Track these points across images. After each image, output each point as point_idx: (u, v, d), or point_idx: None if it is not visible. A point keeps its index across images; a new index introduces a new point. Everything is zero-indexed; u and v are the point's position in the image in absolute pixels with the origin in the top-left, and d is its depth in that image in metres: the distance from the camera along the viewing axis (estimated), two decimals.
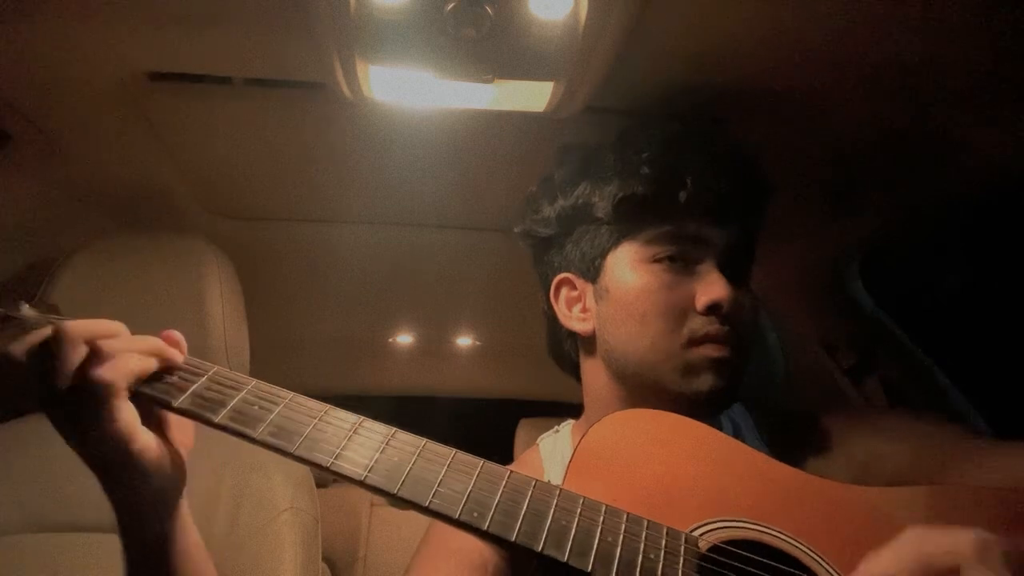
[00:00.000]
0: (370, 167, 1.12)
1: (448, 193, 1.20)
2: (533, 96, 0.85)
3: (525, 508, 0.55)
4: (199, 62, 0.86)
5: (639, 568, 0.54)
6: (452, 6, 0.71)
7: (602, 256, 0.81)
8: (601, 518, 0.56)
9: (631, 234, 0.79)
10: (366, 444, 0.58)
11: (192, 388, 0.59)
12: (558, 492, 0.58)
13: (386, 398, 2.09)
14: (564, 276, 0.86)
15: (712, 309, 0.75)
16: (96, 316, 0.60)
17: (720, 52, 0.80)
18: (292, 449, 0.56)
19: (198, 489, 0.96)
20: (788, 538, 0.60)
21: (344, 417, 0.60)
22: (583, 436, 0.66)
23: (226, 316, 1.04)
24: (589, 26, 0.71)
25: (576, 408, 0.91)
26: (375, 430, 0.59)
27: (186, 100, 0.95)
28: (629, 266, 0.79)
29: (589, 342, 0.84)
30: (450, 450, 0.59)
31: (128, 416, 0.56)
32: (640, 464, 0.65)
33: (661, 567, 0.54)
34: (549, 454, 0.88)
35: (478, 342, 1.83)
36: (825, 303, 1.37)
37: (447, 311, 1.67)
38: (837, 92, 0.87)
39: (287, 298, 1.58)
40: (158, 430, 0.60)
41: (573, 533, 0.55)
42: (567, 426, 0.92)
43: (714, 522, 0.61)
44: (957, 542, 0.49)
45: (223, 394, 0.59)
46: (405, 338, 1.82)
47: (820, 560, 0.59)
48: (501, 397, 2.04)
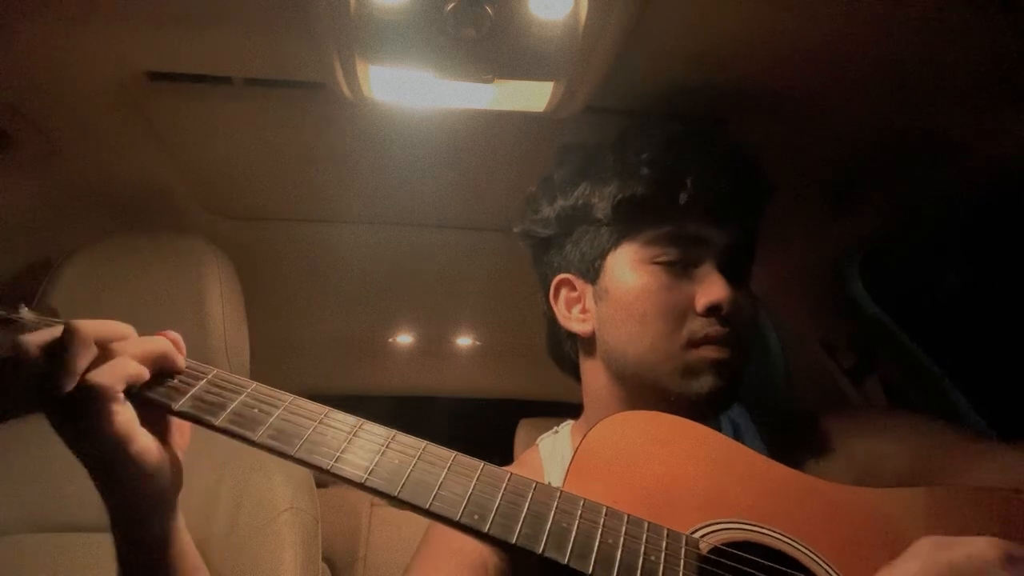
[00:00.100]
0: (370, 167, 1.12)
1: (448, 193, 1.20)
2: (533, 96, 0.84)
3: (526, 510, 0.55)
4: (199, 62, 0.86)
5: (640, 570, 0.54)
6: (452, 6, 0.71)
7: (602, 257, 0.81)
8: (602, 520, 0.56)
9: (631, 235, 0.79)
10: (366, 447, 0.58)
11: (192, 391, 0.59)
12: (558, 494, 0.58)
13: (386, 398, 2.09)
14: (564, 277, 0.86)
15: (712, 310, 0.75)
16: (96, 316, 0.60)
17: (720, 52, 0.80)
18: (292, 452, 0.56)
19: (198, 489, 0.97)
20: (788, 539, 0.60)
21: (344, 420, 0.60)
22: (583, 437, 0.66)
23: (226, 316, 1.04)
24: (589, 26, 0.71)
25: (576, 408, 0.91)
26: (375, 432, 0.59)
27: (186, 100, 0.95)
28: (629, 267, 0.79)
29: (589, 343, 0.84)
30: (450, 452, 0.59)
31: (126, 418, 0.56)
32: (640, 465, 0.65)
33: (662, 569, 0.54)
34: (549, 454, 0.88)
35: (478, 342, 1.83)
36: (825, 303, 1.37)
37: (447, 311, 1.67)
38: (837, 92, 0.87)
39: (287, 298, 1.58)
40: (157, 432, 0.60)
41: (574, 535, 0.55)
42: (566, 427, 0.92)
43: (714, 524, 0.61)
44: (979, 549, 0.48)
45: (223, 397, 0.59)
46: (405, 338, 1.82)
47: (820, 561, 0.59)
48: (501, 397, 2.03)
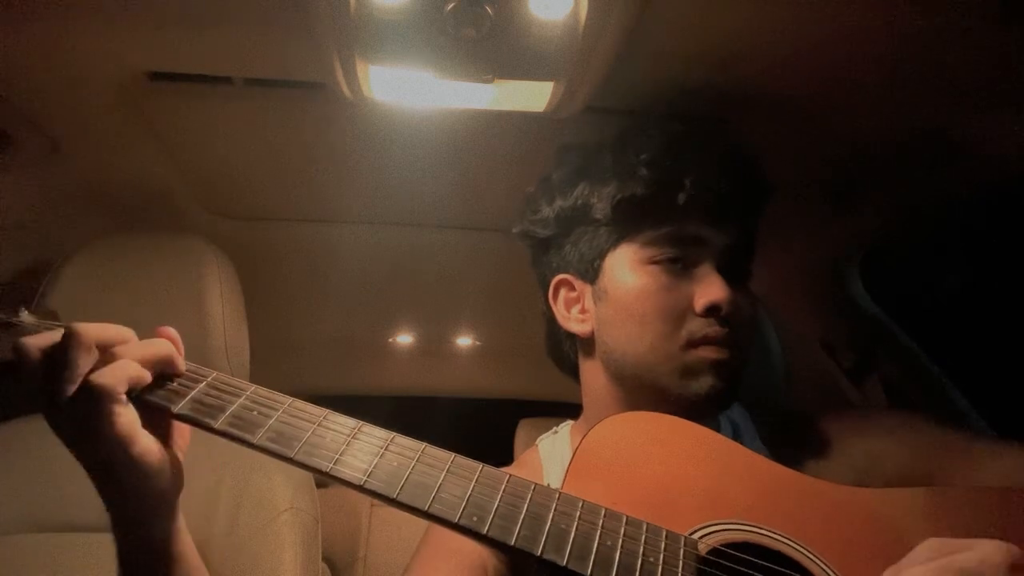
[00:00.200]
0: (370, 167, 1.12)
1: (448, 193, 1.20)
2: (533, 96, 0.84)
3: (524, 512, 0.55)
4: (199, 62, 0.86)
5: (638, 571, 0.54)
6: (452, 6, 0.71)
7: (601, 257, 0.81)
8: (600, 521, 0.56)
9: (630, 235, 0.79)
10: (365, 449, 0.58)
11: (191, 394, 0.59)
12: (557, 496, 0.58)
13: (386, 398, 2.09)
14: (563, 277, 0.86)
15: (711, 311, 0.75)
16: (96, 316, 0.60)
17: (720, 52, 0.80)
18: (291, 454, 0.56)
19: (198, 489, 0.96)
20: (787, 540, 0.60)
21: (343, 422, 0.60)
22: (583, 438, 0.66)
23: (226, 316, 1.04)
24: (589, 26, 0.71)
25: (576, 408, 0.91)
26: (374, 435, 0.59)
27: (186, 100, 0.95)
28: (628, 267, 0.79)
29: (588, 343, 0.84)
30: (449, 454, 0.59)
31: (127, 420, 0.56)
32: (640, 466, 0.65)
33: (660, 570, 0.54)
34: (548, 455, 0.88)
35: (478, 342, 1.83)
36: (825, 303, 1.37)
37: (447, 311, 1.67)
38: (837, 92, 0.87)
39: (287, 298, 1.58)
40: (158, 433, 0.60)
41: (572, 537, 0.55)
42: (566, 427, 0.92)
43: (713, 525, 0.61)
44: (988, 552, 0.48)
45: (222, 400, 0.59)
46: (405, 338, 1.82)
47: (819, 562, 0.59)
48: (501, 397, 2.03)
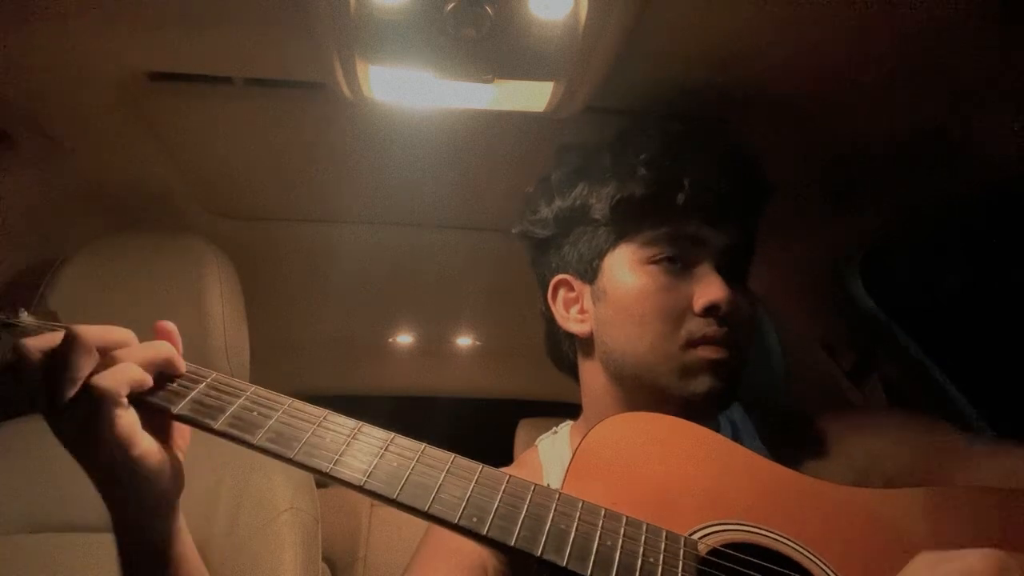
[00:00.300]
0: (370, 167, 1.12)
1: (448, 193, 1.20)
2: (533, 96, 0.84)
3: (524, 512, 0.55)
4: (199, 62, 0.86)
5: (638, 572, 0.54)
6: (452, 6, 0.71)
7: (599, 257, 0.81)
8: (600, 522, 0.56)
9: (628, 235, 0.79)
10: (365, 449, 0.58)
11: (191, 395, 0.59)
12: (557, 496, 0.58)
13: (386, 398, 2.09)
14: (562, 277, 0.86)
15: (710, 310, 0.75)
16: (96, 316, 0.60)
17: (720, 52, 0.80)
18: (291, 455, 0.56)
19: (198, 489, 0.96)
20: (787, 541, 0.60)
21: (343, 422, 0.60)
22: (583, 438, 0.66)
23: (226, 316, 1.04)
24: (589, 26, 0.71)
25: (576, 408, 0.91)
26: (374, 435, 0.59)
27: (186, 100, 0.95)
28: (627, 267, 0.79)
29: (587, 344, 0.84)
30: (449, 455, 0.59)
31: (128, 422, 0.56)
32: (639, 466, 0.65)
33: (660, 571, 0.54)
34: (548, 455, 0.88)
35: (478, 342, 1.83)
36: (825, 303, 1.37)
37: (447, 311, 1.67)
38: (837, 92, 0.87)
39: (287, 298, 1.58)
40: (158, 435, 0.60)
41: (572, 537, 0.54)
42: (565, 427, 0.92)
43: (713, 525, 0.61)
44: (968, 562, 0.48)
45: (222, 400, 0.59)
46: (405, 338, 1.82)
47: (819, 562, 0.59)
48: (501, 397, 2.04)
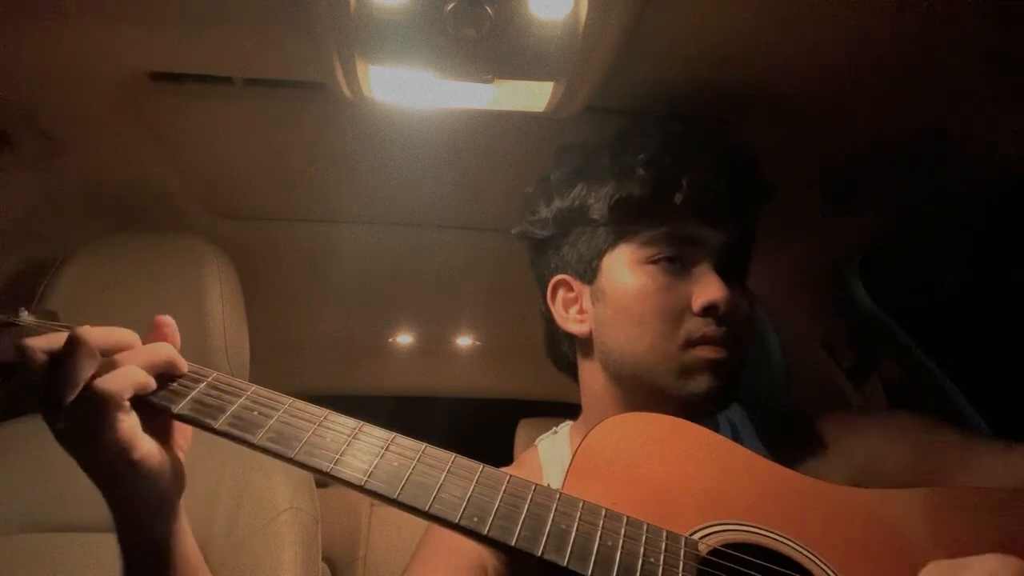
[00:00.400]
0: (370, 167, 1.12)
1: (448, 193, 1.20)
2: (533, 96, 0.84)
3: (525, 512, 0.55)
4: (199, 62, 0.86)
5: (639, 572, 0.54)
6: (452, 6, 0.71)
7: (598, 257, 0.81)
8: (601, 522, 0.56)
9: (627, 235, 0.79)
10: (365, 449, 0.58)
11: (192, 394, 0.59)
12: (558, 496, 0.58)
13: (386, 398, 2.09)
14: (561, 277, 0.85)
15: (709, 310, 0.75)
16: (96, 316, 0.59)
17: (720, 52, 0.80)
18: (292, 454, 0.56)
19: (198, 489, 0.96)
20: (787, 541, 0.60)
21: (344, 422, 0.60)
22: (583, 438, 0.66)
23: (226, 316, 1.04)
24: (589, 26, 0.71)
25: (576, 408, 0.91)
26: (374, 435, 0.59)
27: (186, 100, 0.95)
28: (626, 267, 0.79)
29: (586, 344, 0.84)
30: (449, 455, 0.59)
31: (129, 425, 0.56)
32: (640, 466, 0.65)
33: (661, 571, 0.54)
34: (547, 455, 0.88)
35: (478, 342, 1.83)
36: (825, 303, 1.37)
37: (447, 311, 1.67)
38: (837, 92, 0.87)
39: (287, 298, 1.58)
40: (159, 435, 0.60)
41: (573, 537, 0.54)
42: (565, 427, 0.92)
43: (713, 525, 0.61)
44: (990, 570, 0.48)
45: (223, 400, 0.59)
46: (405, 338, 1.82)
47: (819, 562, 0.59)
48: (501, 397, 2.04)
